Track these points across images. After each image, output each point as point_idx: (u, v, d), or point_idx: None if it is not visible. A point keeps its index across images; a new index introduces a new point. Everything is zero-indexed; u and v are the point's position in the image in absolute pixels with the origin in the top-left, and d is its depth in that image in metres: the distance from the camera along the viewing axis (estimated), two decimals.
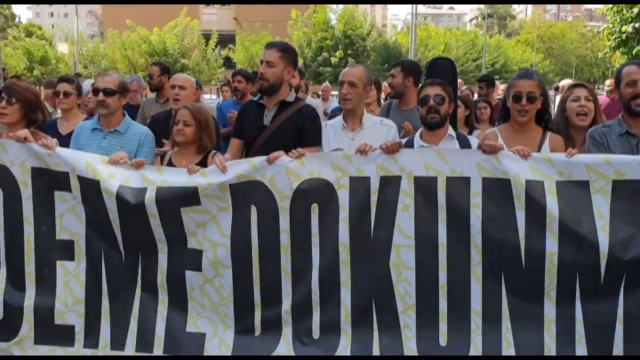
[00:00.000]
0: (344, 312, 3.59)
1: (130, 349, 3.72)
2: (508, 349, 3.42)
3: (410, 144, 3.97)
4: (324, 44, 32.04)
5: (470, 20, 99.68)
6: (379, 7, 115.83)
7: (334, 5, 34.84)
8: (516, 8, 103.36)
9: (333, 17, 33.58)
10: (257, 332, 3.65)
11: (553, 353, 3.39)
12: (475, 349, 3.46)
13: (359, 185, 3.54)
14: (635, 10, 16.43)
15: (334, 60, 30.66)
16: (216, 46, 32.72)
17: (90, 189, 3.64)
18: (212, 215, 3.60)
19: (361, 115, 4.32)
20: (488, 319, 3.46)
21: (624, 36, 17.16)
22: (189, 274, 3.66)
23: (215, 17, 40.32)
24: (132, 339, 3.73)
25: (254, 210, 3.57)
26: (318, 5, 33.88)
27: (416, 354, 3.50)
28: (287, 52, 4.15)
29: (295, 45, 32.14)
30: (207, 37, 32.44)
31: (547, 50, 59.18)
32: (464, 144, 3.94)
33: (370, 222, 3.54)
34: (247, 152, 4.18)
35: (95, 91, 4.30)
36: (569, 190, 3.33)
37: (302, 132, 4.09)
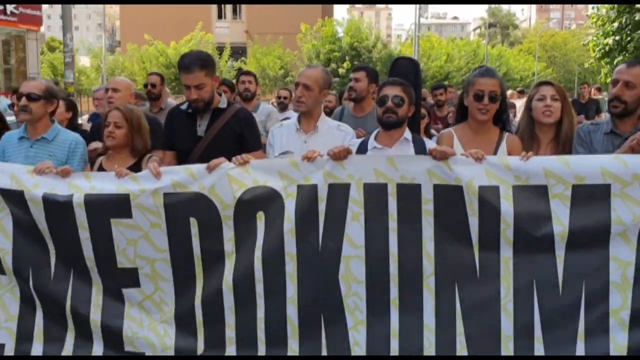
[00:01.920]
0: (290, 329, 3.42)
1: None
2: None
3: (364, 145, 3.87)
4: (332, 55, 33.50)
5: (474, 30, 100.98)
6: (383, 18, 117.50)
7: (340, 18, 36.47)
8: (519, 17, 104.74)
9: (340, 30, 35.13)
10: (200, 351, 3.48)
11: None
12: None
13: (306, 193, 3.37)
14: (616, 24, 17.99)
15: (341, 71, 31.97)
16: (229, 58, 34.50)
17: (15, 201, 3.51)
18: (145, 232, 3.43)
19: (317, 118, 4.13)
20: (441, 336, 3.31)
21: (606, 48, 18.60)
22: (125, 291, 3.53)
23: (227, 31, 42.05)
24: None
25: (193, 222, 3.41)
26: (327, 18, 35.55)
27: None
28: (208, 66, 3.91)
29: (305, 57, 33.91)
30: (220, 49, 34.17)
31: (550, 59, 59.72)
32: (420, 148, 3.74)
33: (318, 232, 3.38)
34: (182, 164, 3.85)
35: (19, 96, 4.11)
36: (525, 196, 3.20)
37: (241, 138, 3.92)
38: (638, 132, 3.37)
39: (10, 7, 18.83)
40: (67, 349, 3.57)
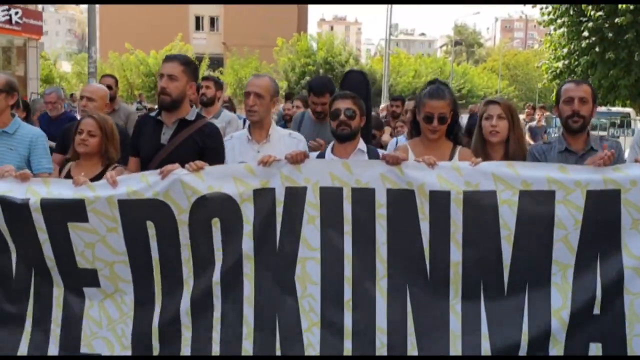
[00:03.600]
0: (246, 330, 3.45)
1: None
2: None
3: (321, 157, 3.91)
4: (306, 69, 35.09)
5: (440, 47, 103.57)
6: (352, 32, 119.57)
7: (314, 34, 38.14)
8: (484, 35, 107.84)
9: (315, 44, 36.96)
10: (156, 351, 3.49)
11: None
12: None
13: (263, 197, 3.42)
14: (565, 50, 19.96)
15: None
16: (207, 68, 35.78)
17: None
18: (101, 236, 3.45)
19: (268, 127, 4.12)
20: (393, 336, 3.36)
21: (557, 71, 20.53)
22: (87, 290, 3.54)
23: (204, 42, 43.35)
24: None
25: (150, 225, 3.43)
26: (302, 33, 37.19)
27: None
28: (189, 66, 3.93)
29: (281, 70, 35.44)
30: (199, 59, 35.44)
31: (512, 77, 61.59)
32: (374, 158, 3.76)
33: (275, 234, 3.43)
34: (143, 170, 3.84)
35: None
36: (475, 201, 3.28)
37: (203, 151, 3.82)
38: (602, 153, 3.40)
39: (15, 17, 19.88)
40: (22, 350, 3.54)
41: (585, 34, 18.92)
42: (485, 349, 3.30)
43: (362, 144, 3.96)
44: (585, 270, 3.27)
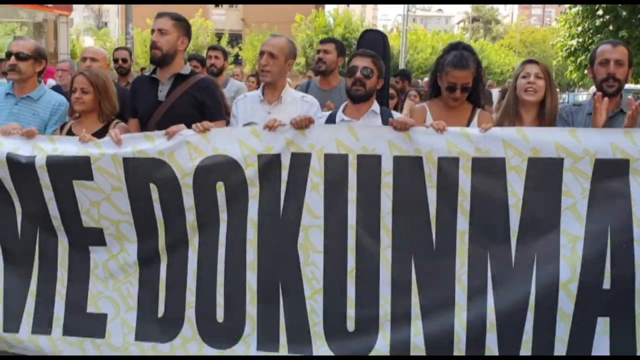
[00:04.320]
0: (249, 295, 3.45)
1: (25, 331, 3.55)
2: (417, 336, 3.31)
3: (332, 118, 3.83)
4: None
5: (458, 23, 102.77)
6: (369, 8, 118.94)
7: (332, 10, 38.46)
8: (502, 12, 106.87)
9: (332, 21, 37.12)
10: (160, 314, 3.51)
11: (463, 341, 3.29)
12: (384, 336, 3.35)
13: (268, 162, 3.38)
14: (580, 28, 20.35)
15: None
16: (227, 44, 36.39)
17: None
18: (106, 194, 3.45)
19: (281, 89, 4.05)
20: (397, 305, 3.35)
21: (572, 49, 20.86)
22: (92, 249, 3.55)
23: (223, 18, 43.75)
24: (29, 319, 3.57)
25: (153, 188, 3.42)
26: (320, 9, 37.54)
27: (324, 340, 3.39)
28: (181, 22, 3.93)
29: (299, 46, 35.88)
30: (219, 35, 36.05)
31: (529, 54, 60.91)
32: (387, 121, 3.58)
33: (279, 200, 3.41)
34: (143, 130, 3.90)
35: (8, 55, 4.13)
36: (484, 167, 3.23)
37: (202, 106, 3.85)
38: (637, 102, 3.31)
39: None
40: (28, 310, 3.57)
41: (600, 12, 19.27)
42: (491, 321, 3.28)
43: (375, 105, 3.86)
44: (595, 243, 3.22)
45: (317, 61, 5.44)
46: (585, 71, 18.62)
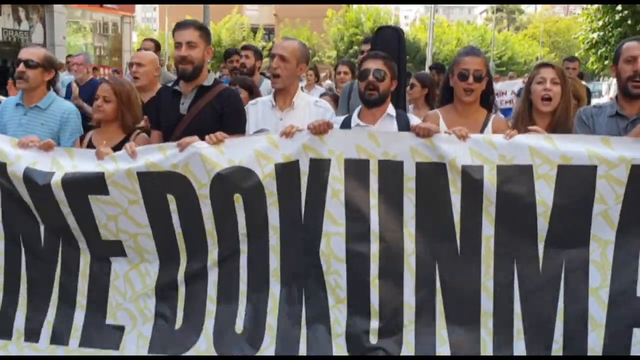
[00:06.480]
0: (271, 304, 3.39)
1: (44, 341, 3.54)
2: (442, 347, 3.24)
3: (347, 122, 3.74)
4: (354, 38, 36.65)
5: (481, 13, 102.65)
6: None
7: (364, 6, 40.01)
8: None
9: (363, 15, 38.59)
10: (178, 325, 3.46)
11: (490, 350, 3.21)
12: (408, 346, 3.27)
13: (286, 171, 3.30)
14: (600, 22, 21.55)
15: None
16: (261, 39, 38.15)
17: (0, 172, 3.48)
18: (124, 208, 3.41)
19: (293, 94, 3.93)
20: (421, 314, 3.27)
21: (593, 41, 22.02)
22: (113, 259, 3.54)
23: (256, 13, 45.43)
24: (48, 330, 3.56)
25: (171, 199, 3.38)
26: (350, 5, 39.06)
27: (345, 353, 3.30)
28: (205, 31, 3.76)
29: (330, 40, 37.59)
30: (254, 30, 37.83)
31: (553, 44, 61.28)
32: (403, 125, 3.61)
33: (300, 206, 3.34)
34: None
35: (17, 62, 4.02)
36: (510, 175, 3.14)
37: (221, 117, 3.71)
38: None
39: None
40: (49, 319, 3.56)
41: (619, 7, 20.48)
42: (518, 328, 3.20)
43: (391, 109, 3.76)
44: (627, 248, 3.12)
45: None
46: (606, 62, 20.07)
